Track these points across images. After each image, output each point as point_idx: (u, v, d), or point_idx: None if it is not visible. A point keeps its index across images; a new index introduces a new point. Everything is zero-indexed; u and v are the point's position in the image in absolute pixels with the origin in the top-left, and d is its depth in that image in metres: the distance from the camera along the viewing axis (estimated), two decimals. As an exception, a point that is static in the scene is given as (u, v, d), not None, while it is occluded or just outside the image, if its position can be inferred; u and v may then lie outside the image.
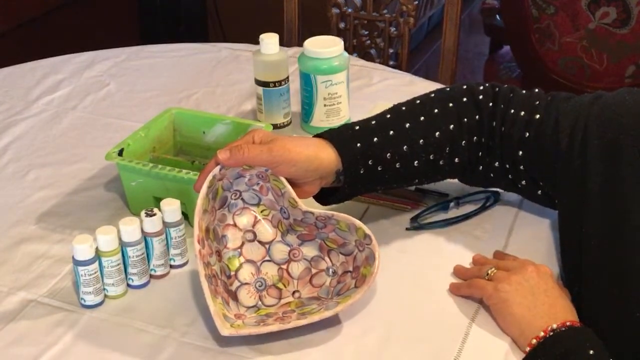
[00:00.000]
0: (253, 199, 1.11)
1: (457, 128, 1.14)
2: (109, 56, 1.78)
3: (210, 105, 1.58)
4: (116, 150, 1.25)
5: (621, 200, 1.01)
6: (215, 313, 0.99)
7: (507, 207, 1.26)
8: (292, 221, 1.10)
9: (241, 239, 1.11)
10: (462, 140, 1.15)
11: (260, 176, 1.09)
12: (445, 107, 1.16)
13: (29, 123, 1.54)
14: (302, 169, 1.08)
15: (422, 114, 1.15)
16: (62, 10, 2.94)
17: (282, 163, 1.06)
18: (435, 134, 1.14)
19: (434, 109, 1.15)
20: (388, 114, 1.17)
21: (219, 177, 1.07)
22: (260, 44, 1.42)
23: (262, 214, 1.11)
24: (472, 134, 1.15)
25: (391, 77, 1.67)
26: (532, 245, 1.19)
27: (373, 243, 1.05)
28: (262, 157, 1.05)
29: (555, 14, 2.11)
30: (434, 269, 1.15)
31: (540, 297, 1.03)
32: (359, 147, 1.11)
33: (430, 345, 1.03)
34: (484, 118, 1.15)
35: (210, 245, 1.07)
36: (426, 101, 1.17)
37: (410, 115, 1.16)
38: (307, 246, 1.10)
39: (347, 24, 1.94)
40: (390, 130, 1.13)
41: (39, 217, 1.27)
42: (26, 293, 1.13)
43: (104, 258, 1.09)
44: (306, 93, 1.45)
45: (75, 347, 1.04)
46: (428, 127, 1.14)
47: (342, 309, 1.02)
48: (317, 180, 1.10)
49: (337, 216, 1.07)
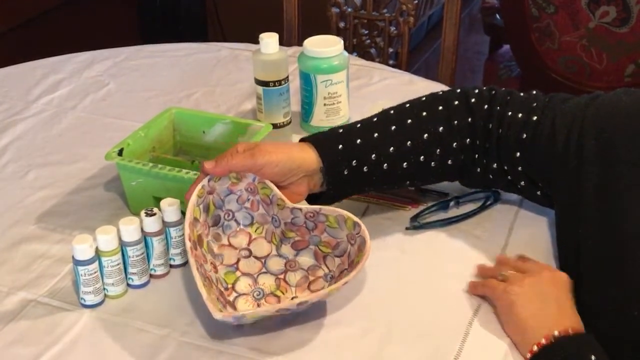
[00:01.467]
0: (246, 219, 1.13)
1: (447, 130, 1.15)
2: (109, 56, 1.78)
3: (210, 105, 1.58)
4: (116, 150, 1.25)
5: (617, 200, 1.01)
6: (208, 298, 0.99)
7: (507, 206, 1.26)
8: (284, 226, 1.12)
9: (237, 256, 1.12)
10: (454, 142, 1.15)
11: (249, 189, 1.12)
12: (435, 110, 1.16)
13: (28, 123, 1.54)
14: (286, 168, 1.10)
15: (409, 117, 1.16)
16: (61, 10, 2.94)
17: (265, 165, 1.09)
18: (424, 135, 1.15)
19: (423, 112, 1.16)
20: (375, 117, 1.18)
21: (209, 189, 1.10)
22: (260, 43, 1.42)
23: (257, 233, 1.13)
24: (464, 137, 1.15)
25: (391, 76, 1.67)
26: (532, 245, 1.19)
27: (362, 229, 1.07)
28: (245, 162, 1.09)
29: (555, 13, 2.11)
30: (434, 268, 1.15)
31: (550, 304, 1.01)
32: (340, 149, 1.13)
33: (430, 345, 1.03)
34: (477, 120, 1.15)
35: (204, 254, 1.07)
36: (415, 104, 1.18)
37: (397, 118, 1.17)
38: (303, 255, 1.11)
39: (346, 23, 1.94)
40: (375, 133, 1.15)
41: (39, 217, 1.27)
42: (26, 293, 1.13)
43: (104, 258, 1.09)
44: (306, 92, 1.45)
45: (75, 347, 1.04)
46: (415, 129, 1.15)
47: (337, 287, 1.01)
48: (304, 179, 1.12)
49: (325, 210, 1.09)
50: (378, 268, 1.14)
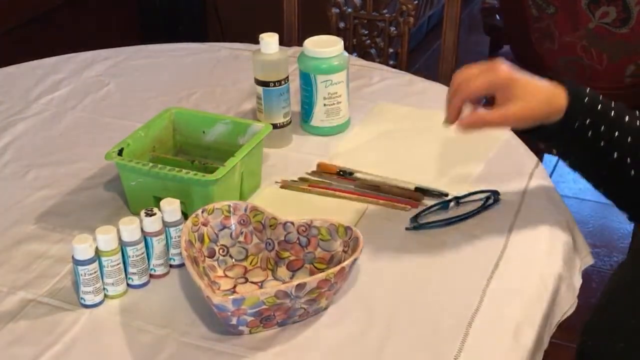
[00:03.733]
0: (241, 254, 1.14)
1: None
2: (109, 56, 1.78)
3: (210, 105, 1.58)
4: (116, 150, 1.25)
5: None
6: (205, 285, 1.00)
7: (507, 206, 1.26)
8: (277, 247, 1.13)
9: (233, 283, 1.13)
10: None
11: (242, 222, 1.14)
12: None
13: (28, 123, 1.54)
14: (530, 118, 1.13)
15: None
16: (62, 10, 2.94)
17: (516, 121, 1.13)
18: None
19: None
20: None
21: (203, 221, 1.12)
22: (260, 43, 1.42)
23: (252, 265, 1.14)
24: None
25: (391, 76, 1.67)
26: (532, 245, 1.19)
27: (354, 230, 1.08)
28: (499, 120, 1.14)
29: (555, 14, 2.11)
30: (433, 268, 1.15)
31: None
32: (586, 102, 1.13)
33: (430, 345, 1.03)
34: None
35: (200, 273, 1.07)
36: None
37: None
38: (299, 277, 1.11)
39: (346, 23, 1.94)
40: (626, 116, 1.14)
41: (39, 217, 1.27)
42: (26, 293, 1.13)
43: (104, 258, 1.09)
44: (306, 93, 1.45)
45: (75, 347, 1.04)
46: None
47: (333, 272, 1.02)
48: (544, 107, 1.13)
49: (316, 221, 1.11)
50: (378, 268, 1.14)
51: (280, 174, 1.35)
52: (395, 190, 1.29)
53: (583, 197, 2.75)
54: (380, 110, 1.53)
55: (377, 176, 1.32)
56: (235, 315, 1.01)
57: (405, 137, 1.44)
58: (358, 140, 1.44)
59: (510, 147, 1.41)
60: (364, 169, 1.34)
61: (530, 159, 1.37)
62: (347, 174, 1.33)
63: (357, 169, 1.34)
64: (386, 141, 1.44)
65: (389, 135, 1.45)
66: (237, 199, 1.24)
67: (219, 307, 1.00)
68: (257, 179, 1.33)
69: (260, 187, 1.33)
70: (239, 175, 1.25)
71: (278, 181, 1.33)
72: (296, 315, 1.05)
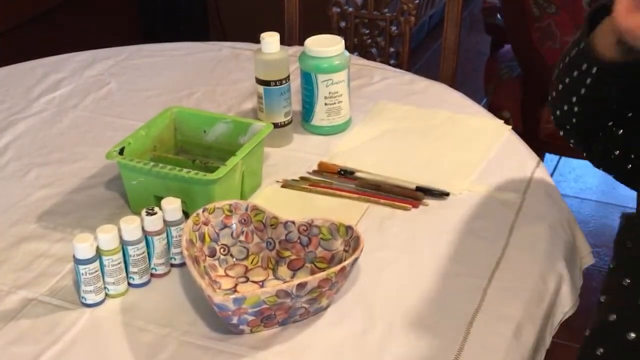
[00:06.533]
0: (241, 253, 1.14)
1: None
2: (110, 55, 1.78)
3: (211, 104, 1.58)
4: (117, 149, 1.25)
5: None
6: (206, 284, 1.00)
7: (507, 207, 1.26)
8: (278, 246, 1.13)
9: (234, 282, 1.13)
10: None
11: (243, 221, 1.14)
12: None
13: (29, 122, 1.54)
14: None
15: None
16: (62, 10, 2.94)
17: None
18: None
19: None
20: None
21: (204, 220, 1.12)
22: (261, 42, 1.42)
23: (252, 264, 1.14)
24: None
25: (392, 76, 1.67)
26: (532, 245, 1.19)
27: (355, 229, 1.09)
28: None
29: (557, 13, 2.11)
30: (434, 268, 1.15)
31: None
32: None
33: (431, 345, 1.03)
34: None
35: (200, 272, 1.07)
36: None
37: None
38: (300, 276, 1.11)
39: (347, 22, 1.93)
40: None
41: (40, 216, 1.27)
42: (27, 292, 1.13)
43: (105, 257, 1.09)
44: (307, 92, 1.45)
45: (76, 346, 1.04)
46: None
47: (334, 271, 1.02)
48: None
49: (317, 221, 1.11)
50: (378, 268, 1.14)
51: (281, 173, 1.35)
52: (396, 189, 1.29)
53: (584, 197, 2.75)
54: (381, 109, 1.53)
55: (378, 175, 1.33)
56: (236, 315, 1.01)
57: (406, 137, 1.44)
58: (359, 140, 1.44)
59: (511, 147, 1.41)
60: (364, 168, 1.34)
61: (531, 158, 1.37)
62: (348, 174, 1.33)
63: (358, 169, 1.34)
64: (387, 141, 1.44)
65: (390, 134, 1.45)
66: (238, 198, 1.24)
67: (220, 306, 1.00)
68: (258, 179, 1.33)
69: (261, 186, 1.33)
70: (239, 175, 1.25)
71: (279, 180, 1.33)
72: (297, 315, 1.05)
